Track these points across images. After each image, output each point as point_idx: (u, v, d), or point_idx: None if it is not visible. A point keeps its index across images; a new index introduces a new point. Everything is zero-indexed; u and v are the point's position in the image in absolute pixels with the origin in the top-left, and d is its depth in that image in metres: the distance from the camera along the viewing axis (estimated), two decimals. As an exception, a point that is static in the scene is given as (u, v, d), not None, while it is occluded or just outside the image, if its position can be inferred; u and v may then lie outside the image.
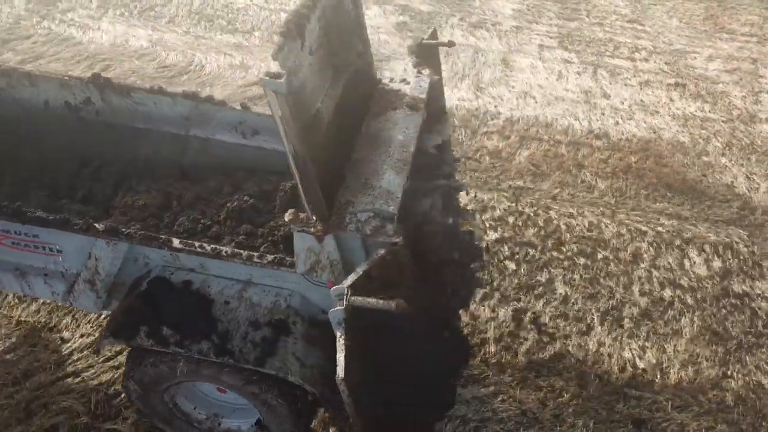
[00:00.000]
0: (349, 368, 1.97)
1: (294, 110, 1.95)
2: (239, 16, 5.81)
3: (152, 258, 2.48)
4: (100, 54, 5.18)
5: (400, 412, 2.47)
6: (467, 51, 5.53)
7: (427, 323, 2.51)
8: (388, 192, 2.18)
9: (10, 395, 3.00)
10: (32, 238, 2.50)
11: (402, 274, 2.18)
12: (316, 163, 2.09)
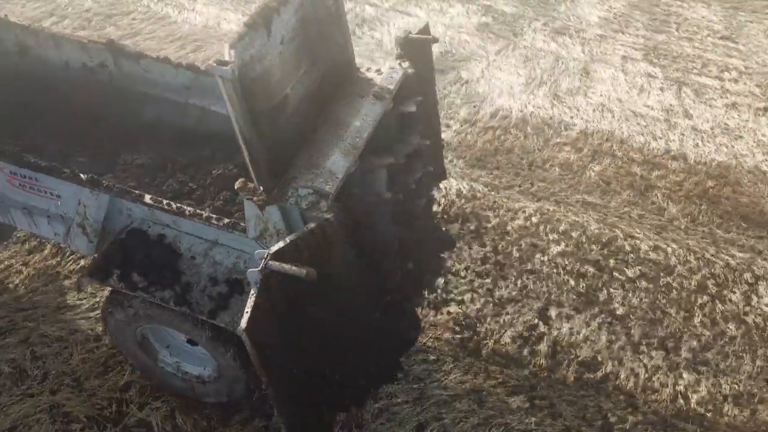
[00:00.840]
0: (253, 322, 2.09)
1: (241, 94, 2.15)
2: None
3: (134, 211, 2.73)
4: (192, 35, 5.45)
5: (333, 380, 2.64)
6: (547, 57, 5.48)
7: (369, 301, 2.66)
8: (330, 172, 2.38)
9: (91, 350, 3.29)
10: (35, 181, 2.81)
11: (332, 251, 2.36)
12: (276, 141, 2.33)
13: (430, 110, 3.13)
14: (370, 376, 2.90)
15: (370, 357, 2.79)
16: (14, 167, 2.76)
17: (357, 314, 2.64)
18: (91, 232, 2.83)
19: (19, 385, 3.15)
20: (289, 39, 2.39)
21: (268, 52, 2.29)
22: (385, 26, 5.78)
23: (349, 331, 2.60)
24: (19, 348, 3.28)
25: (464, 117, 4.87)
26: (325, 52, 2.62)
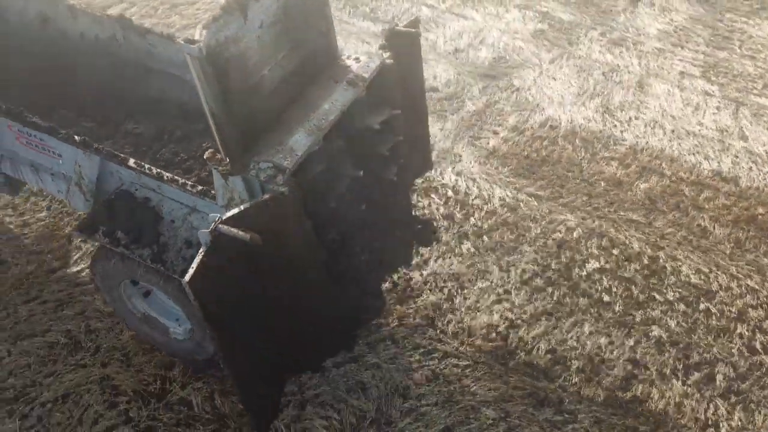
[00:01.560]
0: (197, 276, 2.27)
1: (210, 71, 2.33)
2: (382, 5, 6.03)
3: (123, 174, 2.96)
4: (251, 27, 5.61)
5: (287, 344, 2.82)
6: (602, 69, 5.42)
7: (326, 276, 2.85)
8: (291, 149, 2.55)
9: (140, 327, 3.48)
10: (39, 141, 3.08)
11: (287, 223, 2.55)
12: (249, 118, 2.53)
13: (417, 102, 3.30)
14: (325, 344, 3.11)
15: (327, 327, 2.99)
16: (21, 126, 3.07)
17: (313, 287, 2.81)
18: (87, 191, 3.10)
19: (74, 355, 3.37)
20: (269, 24, 2.55)
21: (245, 35, 2.46)
22: (441, 28, 5.81)
23: (304, 301, 2.76)
24: (75, 320, 3.50)
25: (513, 124, 4.88)
26: (307, 38, 2.77)
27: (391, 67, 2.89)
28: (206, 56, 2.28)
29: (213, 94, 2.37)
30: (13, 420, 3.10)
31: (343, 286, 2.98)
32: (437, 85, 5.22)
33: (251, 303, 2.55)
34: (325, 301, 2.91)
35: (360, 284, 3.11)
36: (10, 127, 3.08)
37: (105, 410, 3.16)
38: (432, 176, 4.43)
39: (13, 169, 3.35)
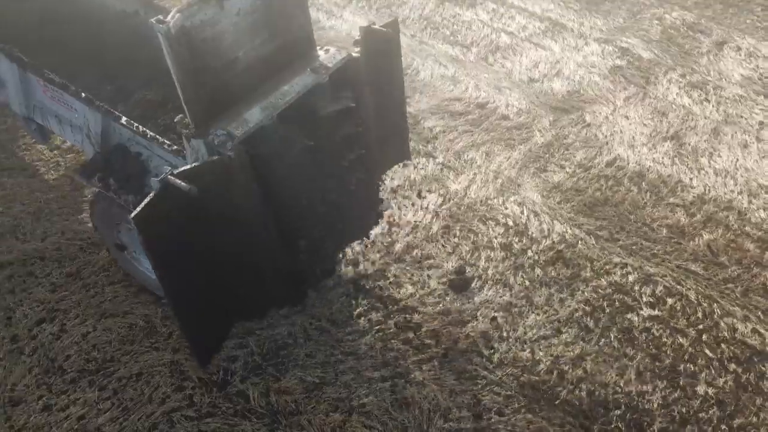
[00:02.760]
0: (143, 213, 2.63)
1: (179, 48, 2.70)
2: (462, 29, 6.17)
3: (122, 131, 3.38)
4: (336, 41, 5.86)
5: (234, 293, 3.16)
6: (678, 111, 5.39)
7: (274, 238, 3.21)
8: (245, 121, 2.94)
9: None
10: (60, 95, 3.54)
11: (231, 184, 2.91)
12: (219, 90, 2.91)
13: (393, 96, 3.71)
14: (270, 296, 3.44)
15: (271, 281, 3.33)
16: (43, 81, 3.57)
17: (257, 243, 3.15)
18: (95, 143, 3.53)
19: (149, 338, 3.70)
20: (246, 12, 2.92)
21: (221, 20, 2.84)
22: (518, 57, 5.91)
23: (247, 255, 3.11)
24: (152, 306, 3.84)
25: (579, 160, 4.94)
26: (285, 28, 3.12)
27: (357, 60, 3.26)
28: (177, 36, 2.68)
29: (180, 68, 2.75)
30: (93, 390, 3.45)
31: (293, 248, 3.34)
32: (508, 113, 5.33)
33: (196, 249, 2.91)
34: (270, 257, 3.25)
35: (311, 250, 3.45)
36: (38, 81, 3.62)
37: (172, 392, 3.47)
38: (494, 204, 4.56)
39: (42, 119, 3.88)
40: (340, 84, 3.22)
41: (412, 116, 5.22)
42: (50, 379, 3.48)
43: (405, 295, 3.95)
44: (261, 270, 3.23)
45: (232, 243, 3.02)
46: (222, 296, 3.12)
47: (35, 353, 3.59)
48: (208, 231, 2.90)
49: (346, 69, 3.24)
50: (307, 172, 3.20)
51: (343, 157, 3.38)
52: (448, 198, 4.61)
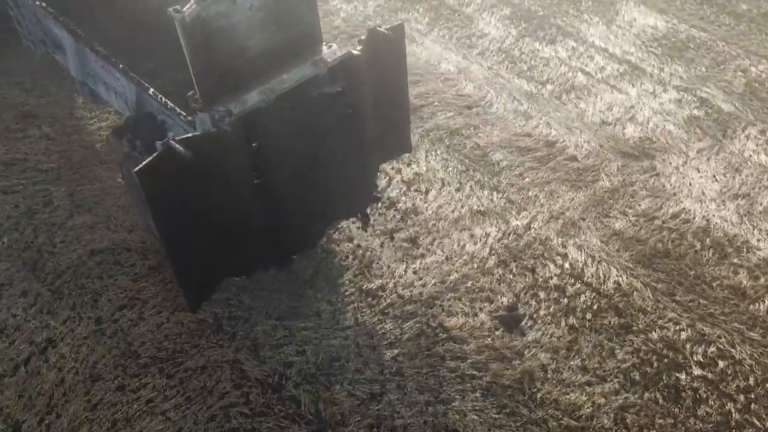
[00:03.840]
0: (145, 170, 3.03)
1: (194, 37, 3.11)
2: (540, 65, 6.27)
3: (151, 101, 3.86)
4: (414, 68, 6.08)
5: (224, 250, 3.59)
6: (753, 170, 5.30)
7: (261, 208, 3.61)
8: (244, 101, 3.38)
9: (272, 325, 4.06)
10: (106, 64, 4.08)
11: (226, 153, 3.34)
12: (227, 71, 3.31)
13: (396, 92, 4.13)
14: (256, 257, 3.83)
15: (257, 244, 3.74)
16: (91, 52, 4.14)
17: (245, 208, 3.56)
18: (131, 109, 4.07)
19: (216, 335, 4.01)
20: (257, 8, 3.31)
21: (234, 13, 3.23)
22: (592, 98, 5.95)
23: (236, 217, 3.55)
24: (221, 305, 4.15)
25: (643, 209, 4.95)
26: (293, 24, 3.52)
27: (356, 57, 3.66)
28: (191, 24, 3.07)
29: (193, 52, 3.17)
30: (162, 377, 3.78)
31: (280, 218, 3.75)
32: (577, 154, 5.40)
33: (190, 206, 3.32)
34: (257, 223, 3.67)
35: (296, 221, 3.88)
36: (90, 52, 4.23)
37: (231, 389, 3.75)
38: (552, 244, 4.65)
39: (93, 84, 4.47)
40: (337, 76, 3.67)
41: (480, 148, 5.38)
42: (126, 362, 3.84)
43: (455, 325, 4.10)
44: (248, 233, 3.68)
45: (222, 205, 3.47)
46: (211, 251, 3.57)
47: (115, 336, 3.95)
48: (202, 192, 3.35)
49: (343, 64, 3.66)
50: (297, 150, 3.66)
51: (334, 138, 3.81)
52: (507, 233, 4.73)
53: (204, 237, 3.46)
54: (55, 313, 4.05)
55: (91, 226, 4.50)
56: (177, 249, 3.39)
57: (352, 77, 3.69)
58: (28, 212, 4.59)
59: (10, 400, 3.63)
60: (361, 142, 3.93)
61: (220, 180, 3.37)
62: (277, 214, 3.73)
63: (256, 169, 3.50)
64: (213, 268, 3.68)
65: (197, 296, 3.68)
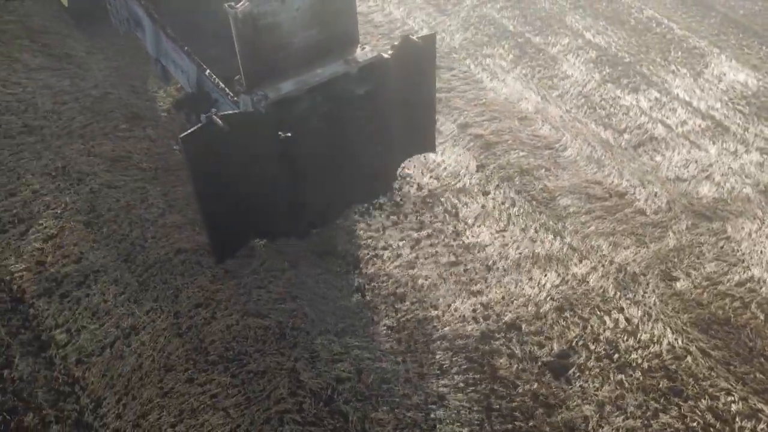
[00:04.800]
0: (190, 137, 3.59)
1: (243, 28, 3.65)
2: (619, 113, 6.29)
3: (208, 82, 4.43)
4: (493, 104, 6.26)
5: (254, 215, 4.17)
6: (831, 244, 5.15)
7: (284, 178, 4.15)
8: (279, 89, 3.89)
9: (331, 340, 4.34)
10: (175, 46, 4.66)
11: (259, 132, 3.86)
12: (270, 62, 3.85)
13: (423, 96, 4.62)
14: (278, 225, 4.38)
15: (280, 213, 4.27)
16: (162, 33, 4.74)
17: (271, 180, 4.07)
18: (192, 87, 4.63)
19: (278, 342, 4.32)
20: (303, 10, 3.83)
21: (281, 12, 3.74)
22: (669, 152, 5.92)
23: (263, 188, 4.07)
24: (286, 315, 4.47)
25: (708, 273, 4.92)
26: (334, 26, 4.03)
27: (386, 60, 4.12)
28: (242, 19, 3.60)
29: (242, 43, 3.68)
30: (226, 375, 4.13)
31: (302, 196, 4.29)
32: (646, 208, 5.40)
33: (223, 172, 3.85)
34: (281, 197, 4.20)
35: (316, 200, 4.42)
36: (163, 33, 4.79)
37: (287, 395, 4.05)
38: (610, 296, 4.71)
39: (165, 62, 5.01)
40: (367, 75, 4.12)
41: (549, 191, 5.48)
42: (196, 357, 4.21)
43: (504, 365, 4.25)
44: (272, 203, 4.19)
45: (250, 175, 3.98)
46: (238, 213, 4.09)
47: (189, 331, 4.34)
48: (235, 161, 3.85)
49: (373, 65, 4.12)
50: (322, 136, 4.12)
51: (358, 130, 4.25)
52: (566, 280, 4.82)
53: (233, 200, 4.01)
54: (140, 302, 4.48)
55: (179, 226, 4.93)
56: (209, 207, 3.96)
57: (380, 78, 4.17)
58: (127, 207, 5.07)
59: (96, 378, 4.07)
60: (383, 137, 4.43)
61: (251, 153, 3.88)
62: (299, 190, 4.26)
63: (284, 149, 4.02)
64: (239, 228, 4.25)
65: (223, 250, 4.28)
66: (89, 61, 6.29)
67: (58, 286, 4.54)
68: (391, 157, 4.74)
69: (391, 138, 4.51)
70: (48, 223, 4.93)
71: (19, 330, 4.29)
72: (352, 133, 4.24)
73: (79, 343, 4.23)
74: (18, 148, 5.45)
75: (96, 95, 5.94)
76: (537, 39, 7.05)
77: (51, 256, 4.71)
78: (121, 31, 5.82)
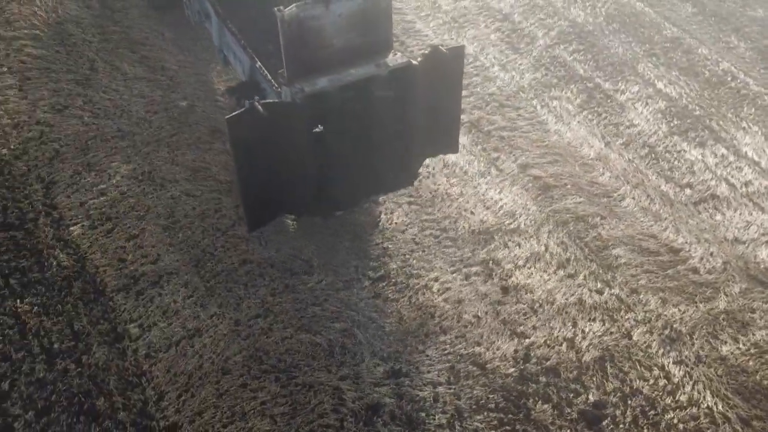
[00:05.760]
0: (234, 119, 4.11)
1: (289, 29, 4.19)
2: (683, 167, 6.29)
3: (258, 74, 4.93)
4: (555, 147, 6.38)
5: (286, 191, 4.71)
6: None
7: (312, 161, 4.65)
8: (314, 83, 4.38)
9: (379, 348, 4.60)
10: (234, 39, 5.26)
11: (294, 121, 4.38)
12: (312, 59, 4.38)
13: (448, 103, 5.01)
14: (307, 204, 4.91)
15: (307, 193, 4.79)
16: (224, 27, 5.37)
17: (300, 162, 4.58)
18: (245, 77, 5.17)
19: (326, 359, 4.61)
20: (345, 16, 4.33)
21: (325, 17, 4.26)
22: (731, 211, 5.88)
23: (294, 168, 4.59)
24: (335, 335, 4.76)
25: (758, 340, 4.89)
26: (371, 32, 4.51)
27: (414, 66, 4.55)
28: (289, 21, 4.12)
29: (287, 42, 4.23)
30: (277, 385, 4.45)
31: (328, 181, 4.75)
32: (700, 267, 5.41)
33: (261, 152, 4.34)
34: (309, 179, 4.69)
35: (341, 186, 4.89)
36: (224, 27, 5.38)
37: (330, 411, 4.33)
38: (653, 352, 4.76)
39: (226, 52, 5.62)
40: (395, 78, 4.57)
41: (602, 239, 5.57)
42: (251, 364, 4.55)
43: (539, 409, 4.39)
44: (301, 184, 4.69)
45: (284, 157, 4.46)
46: (271, 189, 4.60)
47: (247, 339, 4.69)
48: (271, 143, 4.33)
49: (402, 70, 4.56)
50: (350, 129, 4.57)
51: (383, 127, 4.70)
52: (610, 331, 4.91)
53: (267, 177, 4.51)
54: (206, 307, 4.87)
55: (247, 239, 5.32)
56: (245, 181, 4.47)
57: (407, 82, 4.61)
58: (202, 215, 5.51)
59: (161, 372, 4.47)
60: (406, 136, 4.87)
61: (285, 138, 4.37)
62: (326, 175, 4.72)
63: (315, 137, 4.51)
64: (270, 203, 4.75)
65: (255, 220, 4.78)
66: (180, 74, 6.81)
67: (135, 283, 5.00)
68: (413, 155, 5.16)
69: (414, 137, 4.95)
70: (131, 224, 5.42)
71: (99, 320, 4.76)
72: (377, 129, 4.69)
73: (149, 338, 4.66)
74: (111, 151, 5.99)
75: (183, 107, 6.44)
76: (607, 85, 7.12)
77: (131, 254, 5.19)
78: (193, 21, 6.56)
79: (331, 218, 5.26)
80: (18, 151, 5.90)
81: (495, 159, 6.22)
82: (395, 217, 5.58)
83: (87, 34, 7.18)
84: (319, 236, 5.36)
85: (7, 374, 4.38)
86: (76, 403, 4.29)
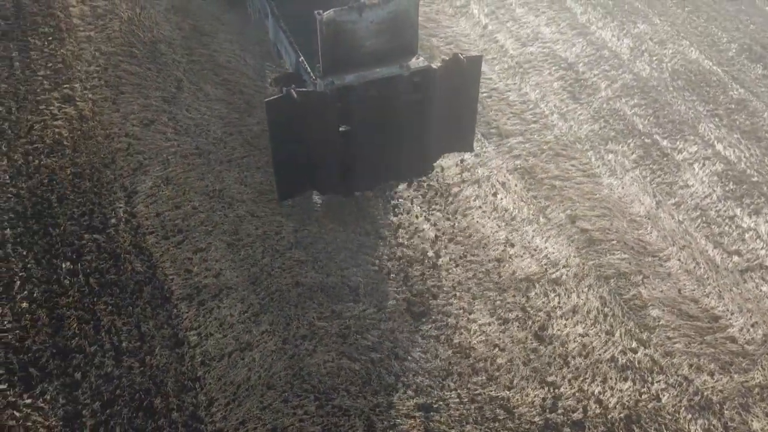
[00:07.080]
0: (273, 102, 4.88)
1: (326, 31, 4.89)
2: (734, 234, 6.29)
3: (300, 67, 5.51)
4: (605, 201, 6.52)
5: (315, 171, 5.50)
6: None
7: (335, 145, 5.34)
8: (343, 77, 5.03)
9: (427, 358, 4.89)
10: (284, 35, 5.97)
11: (324, 109, 5.06)
12: (345, 57, 5.04)
13: (464, 106, 5.62)
14: (330, 182, 5.64)
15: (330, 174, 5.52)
16: (276, 24, 6.15)
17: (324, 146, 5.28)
18: (292, 69, 5.82)
19: (363, 387, 4.93)
20: (376, 23, 4.98)
21: (358, 22, 4.92)
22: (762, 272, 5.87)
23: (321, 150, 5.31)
24: (374, 363, 5.08)
25: (792, 419, 4.90)
26: (399, 38, 5.17)
27: (433, 70, 5.13)
28: (326, 23, 4.79)
29: (324, 41, 4.91)
30: (314, 405, 4.81)
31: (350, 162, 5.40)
32: (739, 337, 5.44)
33: (293, 132, 5.04)
34: (334, 158, 5.35)
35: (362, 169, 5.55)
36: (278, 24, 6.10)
37: (361, 436, 4.65)
38: (681, 417, 4.84)
39: (279, 46, 6.29)
40: (416, 80, 5.14)
41: (642, 299, 5.67)
42: (294, 382, 4.93)
43: (560, 460, 4.57)
44: (326, 165, 5.38)
45: (312, 139, 5.15)
46: (300, 166, 5.35)
47: (292, 358, 5.08)
48: (302, 127, 5.02)
49: (423, 72, 5.13)
50: (372, 120, 5.17)
51: (403, 121, 5.28)
52: (640, 391, 5.02)
53: (296, 155, 5.21)
54: (258, 323, 5.30)
55: (302, 261, 5.73)
56: (278, 157, 5.22)
57: (426, 83, 5.16)
58: (263, 236, 5.96)
59: (213, 380, 4.91)
60: (423, 131, 5.44)
61: (315, 123, 5.04)
62: (349, 159, 5.34)
63: (341, 125, 5.16)
64: (299, 179, 5.50)
65: (285, 192, 5.62)
66: (256, 98, 7.34)
67: (198, 294, 5.49)
68: (430, 148, 5.72)
69: (431, 133, 5.50)
70: (199, 237, 5.92)
71: (163, 325, 5.25)
72: (396, 122, 5.28)
73: (205, 347, 5.11)
74: (188, 167, 6.54)
75: (256, 131, 6.95)
76: (664, 142, 7.19)
77: (197, 266, 5.68)
78: (253, 19, 7.40)
79: (351, 197, 5.91)
80: (107, 160, 6.54)
81: (544, 207, 6.41)
82: (442, 254, 5.87)
83: (177, 54, 7.83)
84: (365, 266, 5.71)
85: (81, 366, 4.92)
86: (137, 399, 4.77)
